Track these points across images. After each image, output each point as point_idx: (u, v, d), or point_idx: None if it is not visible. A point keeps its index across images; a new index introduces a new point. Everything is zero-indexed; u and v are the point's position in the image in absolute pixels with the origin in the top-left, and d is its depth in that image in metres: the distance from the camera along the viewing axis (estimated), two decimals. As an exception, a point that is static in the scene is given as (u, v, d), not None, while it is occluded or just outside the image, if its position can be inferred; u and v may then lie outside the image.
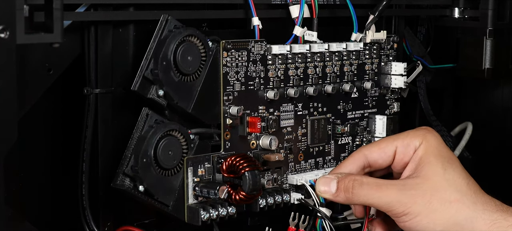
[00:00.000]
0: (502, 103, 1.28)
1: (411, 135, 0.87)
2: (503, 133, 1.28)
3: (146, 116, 0.86)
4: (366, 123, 1.05)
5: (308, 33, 0.97)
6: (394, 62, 1.06)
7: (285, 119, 0.96)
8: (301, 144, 0.97)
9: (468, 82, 1.30)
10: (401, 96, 1.11)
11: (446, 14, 1.20)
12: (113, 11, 0.86)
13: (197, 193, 0.87)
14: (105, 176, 0.87)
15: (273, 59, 0.93)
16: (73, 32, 0.86)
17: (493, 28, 1.16)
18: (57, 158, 0.90)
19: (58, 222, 0.90)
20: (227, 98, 0.89)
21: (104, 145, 0.88)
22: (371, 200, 0.84)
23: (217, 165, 0.88)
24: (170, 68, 0.85)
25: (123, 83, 0.88)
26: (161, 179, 0.85)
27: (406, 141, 0.87)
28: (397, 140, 0.87)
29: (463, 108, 1.31)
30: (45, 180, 0.89)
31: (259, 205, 0.90)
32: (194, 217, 0.86)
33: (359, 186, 0.84)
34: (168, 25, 0.86)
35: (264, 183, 0.93)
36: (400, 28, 1.14)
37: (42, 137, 0.89)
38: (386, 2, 1.03)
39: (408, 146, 0.87)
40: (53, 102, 0.89)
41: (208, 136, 0.90)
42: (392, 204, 0.83)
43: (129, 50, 0.88)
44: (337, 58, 1.00)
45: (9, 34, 0.68)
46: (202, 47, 0.87)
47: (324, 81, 0.99)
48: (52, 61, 0.85)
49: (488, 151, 1.28)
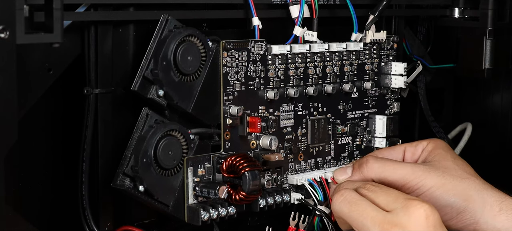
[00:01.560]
0: (502, 104, 1.28)
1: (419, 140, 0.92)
2: (503, 133, 1.28)
3: (146, 116, 0.86)
4: (366, 123, 1.05)
5: (308, 33, 0.97)
6: (394, 62, 1.06)
7: (285, 119, 0.96)
8: (301, 144, 0.97)
9: (468, 82, 1.30)
10: (401, 96, 1.11)
11: (446, 14, 1.20)
12: (113, 11, 0.86)
13: (197, 193, 0.87)
14: (105, 176, 0.87)
15: (273, 59, 0.93)
16: (73, 32, 0.86)
17: (493, 28, 1.16)
18: (57, 158, 0.90)
19: (58, 222, 0.90)
20: (227, 98, 0.89)
21: (104, 145, 0.88)
22: (386, 173, 0.86)
23: (217, 165, 0.88)
24: (170, 68, 0.85)
25: (123, 83, 0.88)
26: (161, 179, 0.85)
27: (414, 144, 0.92)
28: (405, 144, 0.93)
29: (463, 108, 1.31)
30: (45, 180, 0.89)
31: (259, 205, 0.90)
32: (194, 217, 0.86)
33: (374, 160, 0.88)
34: (168, 25, 0.86)
35: (264, 183, 0.93)
36: (400, 28, 1.14)
37: (42, 137, 0.89)
38: (386, 2, 1.03)
39: (417, 146, 0.91)
40: (53, 102, 0.89)
41: (208, 136, 0.90)
42: (406, 176, 0.85)
43: (129, 50, 0.88)
44: (337, 58, 1.00)
45: (9, 34, 0.68)
46: (202, 47, 0.87)
47: (324, 81, 0.99)
48: (52, 61, 0.85)
49: (488, 151, 1.28)
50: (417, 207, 0.75)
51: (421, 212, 0.75)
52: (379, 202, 0.78)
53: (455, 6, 1.19)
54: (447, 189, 0.85)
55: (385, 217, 0.76)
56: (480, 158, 1.24)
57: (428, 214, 0.75)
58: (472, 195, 0.84)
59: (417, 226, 0.75)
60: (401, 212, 0.75)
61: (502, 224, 0.83)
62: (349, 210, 0.79)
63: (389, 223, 0.75)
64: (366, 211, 0.77)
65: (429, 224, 0.75)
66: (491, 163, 1.26)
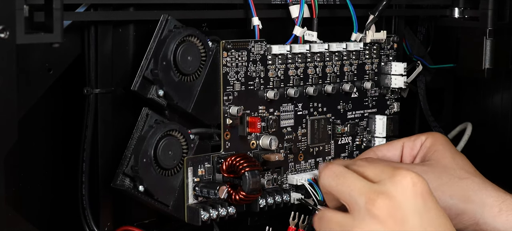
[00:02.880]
0: (502, 104, 1.28)
1: (418, 134, 0.90)
2: (503, 133, 1.28)
3: (146, 116, 0.86)
4: (366, 123, 1.05)
5: (308, 33, 0.97)
6: (394, 62, 1.06)
7: (285, 119, 0.96)
8: (301, 144, 0.97)
9: (468, 82, 1.30)
10: (401, 96, 1.11)
11: (446, 14, 1.20)
12: (113, 11, 0.86)
13: (197, 193, 0.87)
14: (105, 176, 0.87)
15: (273, 59, 0.93)
16: (73, 32, 0.86)
17: (493, 28, 1.16)
18: (57, 158, 0.90)
19: (58, 222, 0.90)
20: (227, 98, 0.89)
21: (104, 145, 0.88)
22: None
23: (217, 165, 0.88)
24: (170, 68, 0.85)
25: (123, 83, 0.88)
26: (161, 179, 0.85)
27: (413, 138, 0.90)
28: (404, 138, 0.91)
29: (463, 108, 1.31)
30: (45, 180, 0.89)
31: (259, 205, 0.90)
32: (194, 217, 0.86)
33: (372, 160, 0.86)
34: (168, 25, 0.86)
35: (264, 183, 0.93)
36: (400, 28, 1.14)
37: (42, 137, 0.89)
38: (386, 2, 1.03)
39: (415, 141, 0.90)
40: (53, 102, 0.89)
41: (208, 136, 0.90)
42: None
43: (129, 50, 0.88)
44: (337, 58, 1.00)
45: (9, 34, 0.68)
46: (202, 47, 0.87)
47: (324, 81, 0.99)
48: (52, 61, 0.85)
49: (488, 151, 1.28)
50: (404, 174, 0.73)
51: (408, 179, 0.72)
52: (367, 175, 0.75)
53: (455, 6, 1.19)
54: (445, 190, 0.84)
55: (371, 187, 0.73)
56: (480, 158, 1.24)
57: (415, 182, 0.72)
58: (471, 196, 0.84)
59: (404, 194, 0.72)
60: (388, 182, 0.73)
61: (502, 225, 0.82)
62: (337, 183, 0.76)
63: (375, 192, 0.72)
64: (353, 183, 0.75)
65: (416, 191, 0.72)
66: (491, 162, 1.26)
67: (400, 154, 0.90)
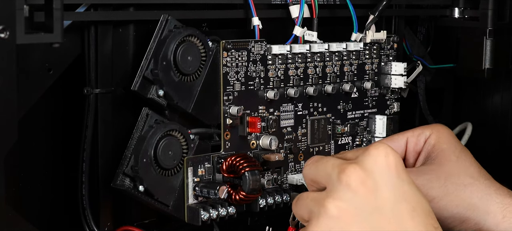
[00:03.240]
0: (502, 104, 1.28)
1: (422, 127, 0.89)
2: (503, 132, 1.28)
3: (146, 115, 0.86)
4: (366, 123, 1.05)
5: (308, 33, 0.97)
6: (394, 62, 1.06)
7: (285, 119, 0.96)
8: (301, 144, 0.97)
9: (468, 82, 1.30)
10: (401, 96, 1.11)
11: (446, 14, 1.20)
12: (113, 11, 0.86)
13: (197, 193, 0.87)
14: (105, 176, 0.87)
15: (273, 59, 0.93)
16: (73, 32, 0.86)
17: (493, 28, 1.16)
18: (57, 158, 0.90)
19: (58, 222, 0.90)
20: (227, 98, 0.89)
21: (104, 145, 0.88)
22: None
23: (217, 165, 0.88)
24: (170, 68, 0.85)
25: (123, 83, 0.88)
26: (161, 179, 0.85)
27: (417, 132, 0.89)
28: (408, 132, 0.89)
29: (463, 108, 1.31)
30: (45, 180, 0.89)
31: (259, 205, 0.90)
32: (194, 217, 0.86)
33: None
34: (168, 25, 0.86)
35: (264, 183, 0.93)
36: (400, 28, 1.14)
37: (42, 137, 0.89)
38: (386, 2, 1.03)
39: (419, 136, 0.88)
40: (53, 102, 0.89)
41: (208, 136, 0.90)
42: None
43: (129, 50, 0.88)
44: (337, 58, 1.00)
45: (9, 34, 0.68)
46: (202, 47, 0.87)
47: (324, 81, 0.99)
48: (52, 61, 0.85)
49: (488, 151, 1.28)
50: (376, 146, 0.72)
51: (381, 150, 0.72)
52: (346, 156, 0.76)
53: (455, 6, 1.19)
54: (450, 199, 0.83)
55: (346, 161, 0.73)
56: (480, 158, 1.24)
57: (387, 152, 0.72)
58: (475, 203, 0.83)
59: (376, 163, 0.71)
60: (361, 155, 0.72)
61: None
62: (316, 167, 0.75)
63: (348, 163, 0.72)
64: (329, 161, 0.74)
65: (389, 162, 0.71)
66: (491, 162, 1.26)
67: (404, 149, 0.89)
